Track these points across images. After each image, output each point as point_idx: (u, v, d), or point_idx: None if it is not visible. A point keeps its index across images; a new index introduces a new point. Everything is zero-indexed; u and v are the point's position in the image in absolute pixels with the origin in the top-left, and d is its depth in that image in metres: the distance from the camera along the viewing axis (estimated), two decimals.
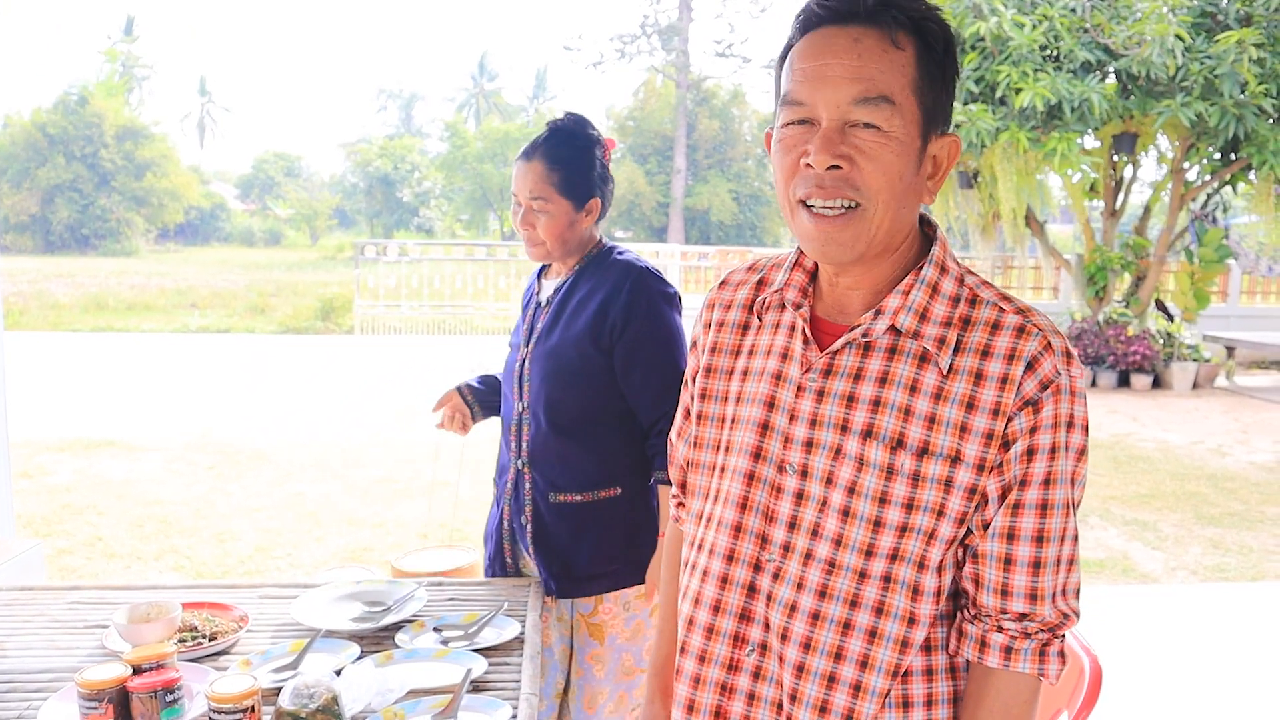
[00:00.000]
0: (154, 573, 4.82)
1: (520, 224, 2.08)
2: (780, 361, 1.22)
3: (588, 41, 78.95)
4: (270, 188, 43.66)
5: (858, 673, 1.15)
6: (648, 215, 32.65)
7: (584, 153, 2.08)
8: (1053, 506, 1.12)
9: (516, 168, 2.09)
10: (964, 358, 1.13)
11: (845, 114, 1.09)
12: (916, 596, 1.14)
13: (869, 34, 1.09)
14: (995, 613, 1.15)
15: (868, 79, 1.08)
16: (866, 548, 1.14)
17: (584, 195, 2.08)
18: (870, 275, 1.18)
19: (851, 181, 1.09)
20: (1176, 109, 9.43)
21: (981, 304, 1.16)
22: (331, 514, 5.79)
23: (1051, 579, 1.13)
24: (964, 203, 11.50)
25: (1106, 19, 9.83)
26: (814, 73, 1.10)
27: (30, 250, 32.28)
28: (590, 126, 2.12)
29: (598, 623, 2.11)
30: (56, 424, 8.13)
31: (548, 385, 2.06)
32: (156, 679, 1.47)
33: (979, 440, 1.11)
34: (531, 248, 2.10)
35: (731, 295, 1.34)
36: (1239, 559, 5.20)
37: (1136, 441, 8.15)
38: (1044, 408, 1.11)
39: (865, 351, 1.17)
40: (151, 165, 34.23)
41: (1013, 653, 1.14)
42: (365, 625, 1.85)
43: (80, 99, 33.87)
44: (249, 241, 39.71)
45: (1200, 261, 11.61)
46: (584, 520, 2.08)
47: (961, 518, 1.13)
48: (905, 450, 1.13)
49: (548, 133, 2.08)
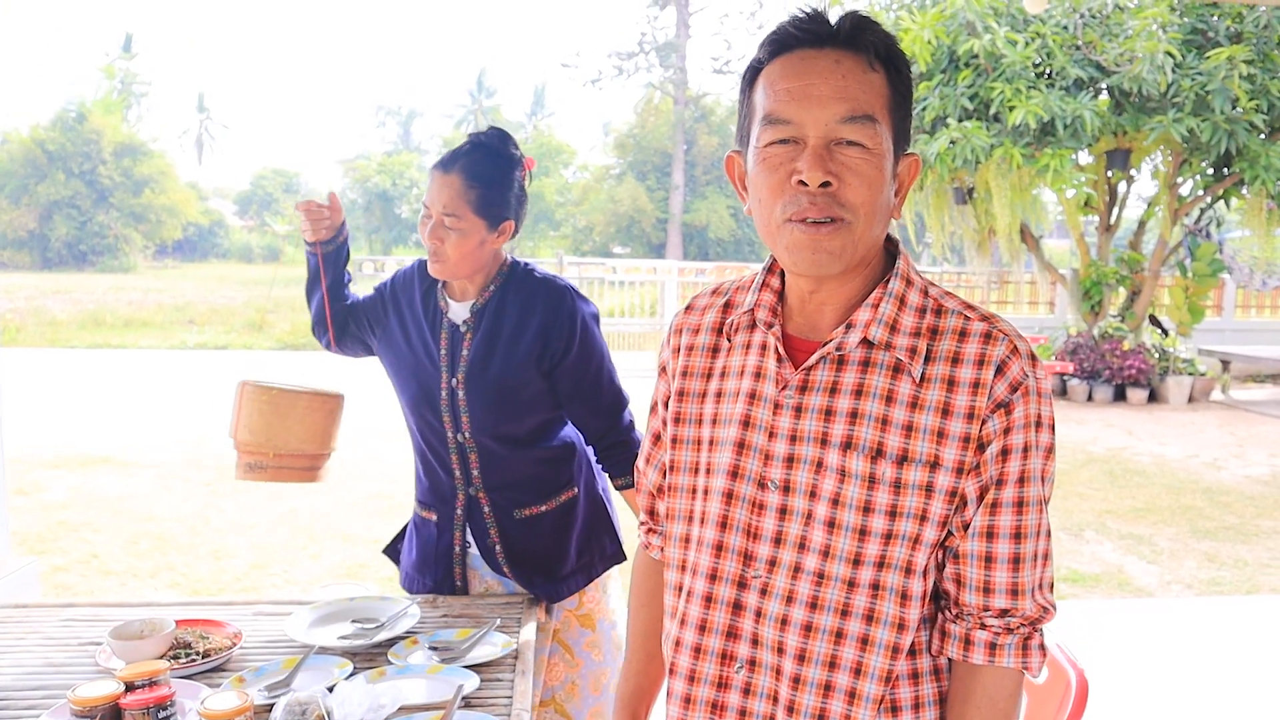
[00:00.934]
0: (150, 590, 4.82)
1: (428, 236, 1.99)
2: (754, 381, 1.24)
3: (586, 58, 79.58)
4: (269, 204, 43.75)
5: (852, 680, 1.17)
6: (646, 232, 32.70)
7: (504, 172, 2.01)
8: (1028, 504, 1.16)
9: (433, 177, 2.00)
10: (935, 366, 1.16)
11: (832, 132, 1.11)
12: (905, 601, 1.17)
13: (848, 57, 1.12)
14: (978, 610, 1.18)
15: (853, 98, 1.11)
16: (854, 557, 1.16)
17: (499, 216, 2.01)
18: (843, 290, 1.21)
19: (839, 198, 1.12)
20: (1169, 125, 9.49)
21: (947, 313, 1.20)
22: (326, 530, 5.79)
23: (1030, 574, 1.17)
24: (959, 218, 11.55)
25: (1098, 36, 9.91)
26: (799, 92, 1.12)
27: (28, 266, 32.29)
28: (513, 144, 2.06)
29: (585, 613, 2.15)
30: (53, 440, 8.12)
31: (495, 414, 2.02)
32: (149, 696, 1.48)
33: (956, 444, 1.14)
34: (436, 263, 2.00)
35: (699, 319, 1.35)
36: (1234, 572, 5.21)
37: (1132, 455, 8.16)
38: (1015, 409, 1.15)
39: (839, 365, 1.19)
40: (150, 182, 34.30)
41: (997, 649, 1.18)
42: (358, 642, 1.86)
43: (79, 115, 33.96)
44: (247, 258, 39.75)
45: (1194, 276, 11.66)
46: (553, 526, 2.10)
47: (944, 521, 1.16)
48: (885, 459, 1.15)
49: (469, 146, 2.01)
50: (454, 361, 2.04)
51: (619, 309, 14.25)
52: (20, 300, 20.22)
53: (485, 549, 2.10)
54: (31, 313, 18.83)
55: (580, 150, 42.93)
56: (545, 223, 36.98)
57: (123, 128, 36.05)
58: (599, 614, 2.17)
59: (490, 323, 2.03)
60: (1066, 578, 5.07)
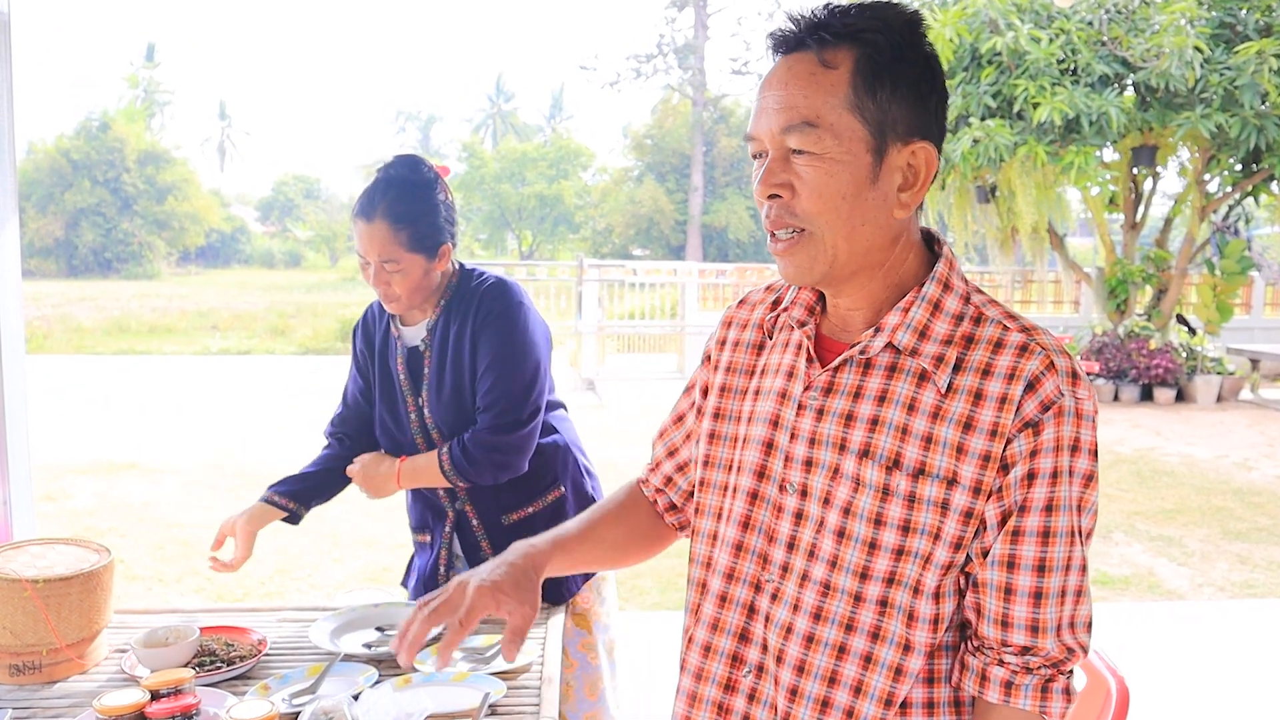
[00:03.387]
0: (175, 595, 4.84)
1: (374, 282, 1.99)
2: (786, 380, 1.21)
3: (604, 61, 79.84)
4: (290, 210, 44.08)
5: (851, 699, 1.13)
6: (665, 234, 32.72)
7: (425, 201, 1.99)
8: (1055, 534, 1.08)
9: (359, 228, 1.97)
10: (964, 376, 1.11)
11: (781, 143, 1.10)
12: (912, 623, 1.11)
13: (801, 60, 1.10)
14: (996, 645, 1.11)
15: (791, 107, 1.09)
16: (861, 570, 1.12)
17: (434, 245, 2.00)
18: (863, 294, 1.17)
19: (791, 209, 1.11)
20: (1196, 121, 9.38)
21: (986, 322, 1.14)
22: (349, 535, 5.80)
23: (1055, 611, 1.09)
24: (982, 217, 11.47)
25: (1124, 32, 9.81)
26: (758, 106, 1.13)
27: (54, 274, 32.68)
28: (423, 165, 2.04)
29: (581, 612, 2.14)
30: (79, 447, 8.18)
31: (463, 425, 2.03)
32: (175, 704, 1.47)
33: (976, 462, 1.08)
34: (390, 303, 2.02)
35: (748, 315, 1.33)
36: (1267, 574, 5.12)
37: (1160, 456, 8.06)
38: (1045, 430, 1.07)
39: (865, 370, 1.16)
40: (173, 189, 34.67)
41: (1013, 688, 1.10)
42: (383, 649, 1.84)
43: (102, 124, 34.39)
44: (269, 263, 40.07)
45: (1222, 274, 11.51)
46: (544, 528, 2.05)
47: (958, 542, 1.10)
48: (901, 471, 1.11)
49: (383, 186, 1.97)
50: (416, 383, 2.08)
51: (639, 311, 14.21)
52: (48, 308, 20.44)
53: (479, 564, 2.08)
54: (58, 320, 19.04)
55: (599, 153, 42.92)
56: (565, 225, 37.06)
57: (146, 136, 36.48)
58: (594, 616, 2.16)
59: (442, 338, 2.06)
60: (1096, 580, 5.00)
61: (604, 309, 13.05)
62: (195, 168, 37.95)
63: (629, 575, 4.97)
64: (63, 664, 1.75)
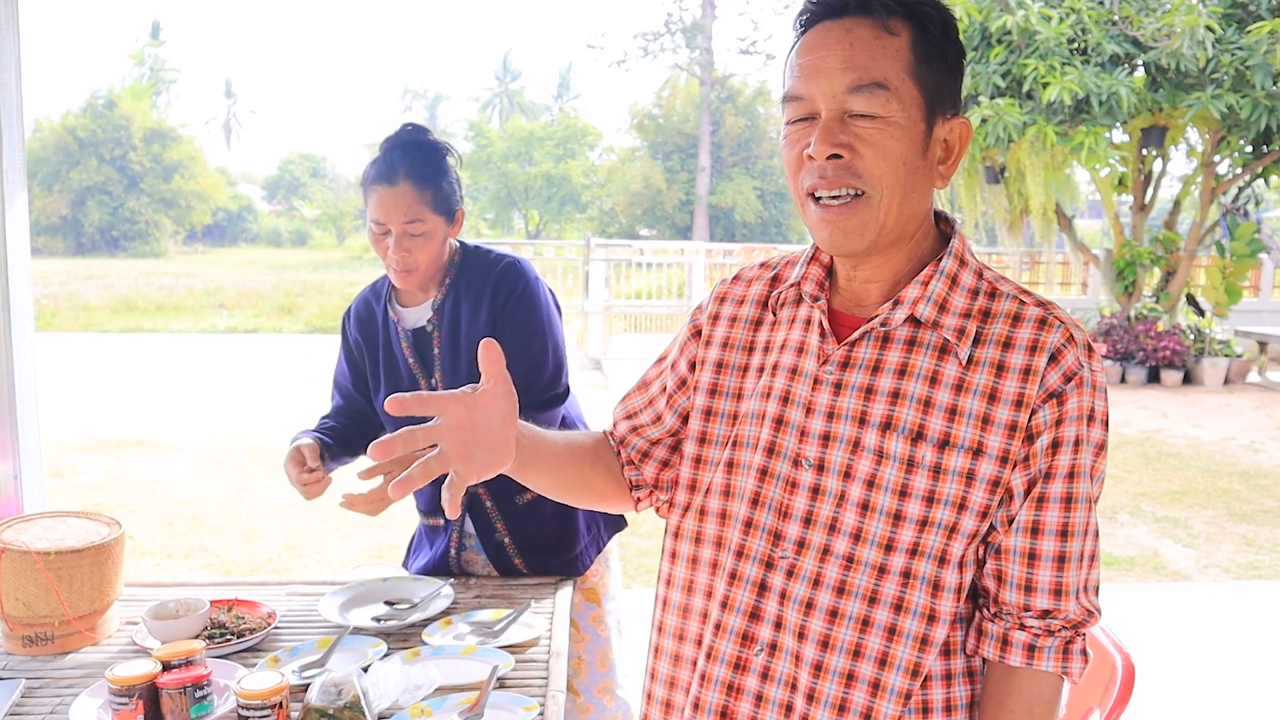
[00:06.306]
0: (184, 570, 4.87)
1: (395, 251, 1.93)
2: (796, 355, 1.21)
3: (611, 40, 79.07)
4: (296, 188, 44.04)
5: (876, 671, 1.13)
6: (671, 214, 32.61)
7: (441, 162, 1.99)
8: (1077, 500, 1.11)
9: (379, 194, 1.92)
10: (984, 349, 1.12)
11: (842, 104, 1.09)
12: (937, 592, 1.12)
13: (861, 24, 1.10)
14: (1018, 610, 1.13)
15: (861, 67, 1.08)
16: (886, 542, 1.12)
17: (453, 208, 2.01)
18: (887, 266, 1.17)
19: (853, 169, 1.09)
20: (1207, 101, 9.31)
21: (1001, 297, 1.16)
22: (357, 513, 5.82)
23: (1076, 574, 1.12)
24: (991, 198, 11.41)
25: (1135, 11, 9.72)
26: (810, 67, 1.11)
27: (61, 252, 32.71)
28: (431, 132, 2.04)
29: (590, 586, 2.15)
30: (87, 424, 8.22)
31: None
32: (186, 675, 1.48)
33: (1002, 432, 1.10)
34: (405, 274, 1.96)
35: (744, 290, 1.32)
36: (1272, 556, 5.12)
37: (1167, 438, 8.05)
38: (1068, 400, 1.10)
39: (884, 343, 1.16)
40: (179, 167, 34.63)
41: (1036, 651, 1.13)
42: (392, 623, 1.86)
43: (108, 102, 34.30)
44: (276, 242, 40.06)
45: (1232, 256, 11.45)
46: (556, 508, 2.03)
47: (984, 511, 1.12)
48: (926, 442, 1.11)
49: (399, 151, 1.94)
50: (427, 364, 2.05)
51: (646, 291, 14.20)
52: (55, 286, 20.47)
53: (494, 547, 2.08)
54: (65, 298, 19.08)
55: (606, 132, 42.76)
56: (571, 205, 36.95)
57: (152, 114, 36.39)
58: (603, 588, 2.18)
59: (452, 316, 2.03)
60: (1101, 561, 5.00)
61: (611, 289, 13.03)
62: (201, 146, 37.92)
63: (634, 554, 4.99)
64: (74, 635, 1.77)
